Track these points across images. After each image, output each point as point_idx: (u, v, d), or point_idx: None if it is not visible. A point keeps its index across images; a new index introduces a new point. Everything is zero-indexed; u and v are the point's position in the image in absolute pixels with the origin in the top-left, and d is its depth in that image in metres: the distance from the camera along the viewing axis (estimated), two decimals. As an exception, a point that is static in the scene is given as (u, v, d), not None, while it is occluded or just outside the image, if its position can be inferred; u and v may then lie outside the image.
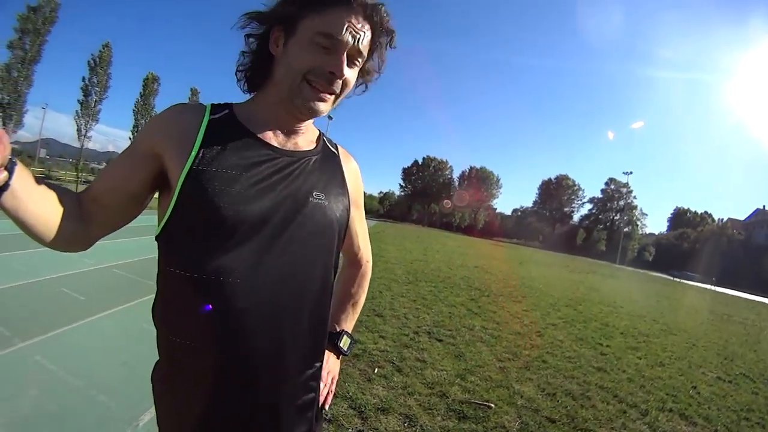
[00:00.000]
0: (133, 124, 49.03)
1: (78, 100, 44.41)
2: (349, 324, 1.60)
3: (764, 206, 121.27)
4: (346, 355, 1.54)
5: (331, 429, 3.67)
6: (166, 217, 1.09)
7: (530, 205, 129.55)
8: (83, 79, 44.93)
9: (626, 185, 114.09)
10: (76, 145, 45.53)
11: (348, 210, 1.32)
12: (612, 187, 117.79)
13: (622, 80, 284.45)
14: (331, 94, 1.19)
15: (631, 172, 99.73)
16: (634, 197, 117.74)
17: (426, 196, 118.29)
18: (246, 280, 1.07)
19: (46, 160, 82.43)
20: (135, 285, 7.61)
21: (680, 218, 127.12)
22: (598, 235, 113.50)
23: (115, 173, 1.16)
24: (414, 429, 3.99)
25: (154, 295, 1.20)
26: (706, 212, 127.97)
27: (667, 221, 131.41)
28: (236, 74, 1.29)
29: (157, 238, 1.13)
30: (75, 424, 3.37)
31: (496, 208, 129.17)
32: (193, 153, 1.10)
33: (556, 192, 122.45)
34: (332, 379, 1.47)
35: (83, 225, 1.11)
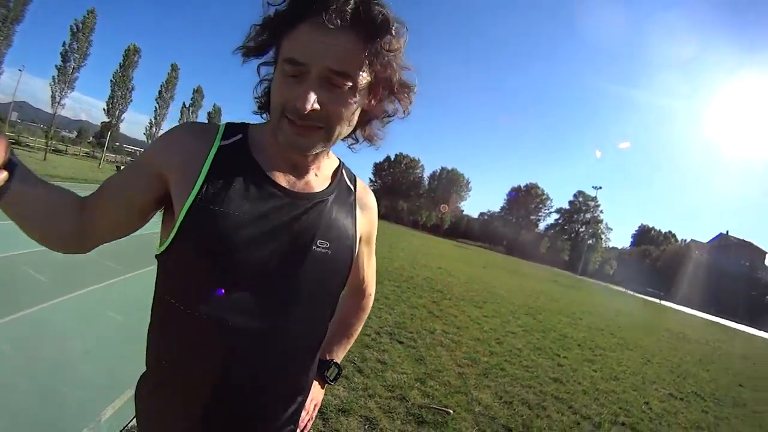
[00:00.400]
0: (109, 95, 47.87)
1: (56, 66, 42.80)
2: (339, 354, 1.55)
3: (727, 231, 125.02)
4: (331, 385, 1.51)
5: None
6: (167, 243, 1.05)
7: (497, 210, 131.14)
8: (63, 44, 43.32)
9: (594, 199, 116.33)
10: (49, 110, 43.92)
11: (354, 253, 1.24)
12: (580, 199, 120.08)
13: (601, 97, 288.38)
14: (310, 128, 1.02)
15: (601, 187, 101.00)
16: (601, 211, 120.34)
17: (395, 192, 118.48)
18: (239, 326, 1.04)
19: (17, 124, 79.07)
20: (100, 267, 7.31)
21: (644, 235, 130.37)
22: (561, 245, 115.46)
23: (120, 187, 1.12)
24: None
25: (117, 279, 1.19)
26: (670, 232, 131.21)
27: (632, 237, 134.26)
28: (254, 99, 1.20)
29: (157, 256, 1.10)
30: (31, 420, 3.21)
31: (463, 210, 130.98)
32: (197, 186, 1.04)
33: (524, 199, 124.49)
34: (314, 406, 1.45)
35: (84, 230, 1.09)
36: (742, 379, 13.28)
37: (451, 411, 4.78)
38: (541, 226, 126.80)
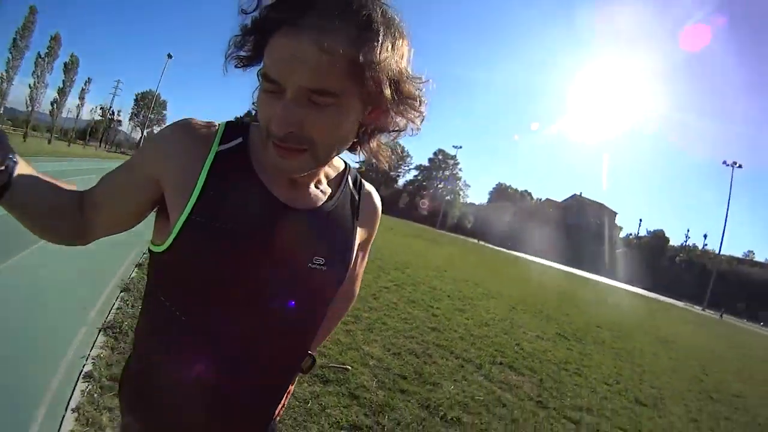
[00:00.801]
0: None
1: None
2: (313, 347, 1.46)
3: (580, 193, 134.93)
4: (304, 374, 1.49)
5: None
6: (162, 247, 1.01)
7: (356, 166, 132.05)
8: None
9: (453, 157, 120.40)
10: None
11: (350, 266, 1.20)
12: (440, 157, 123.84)
13: (460, 62, 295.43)
14: (293, 151, 0.93)
15: (461, 147, 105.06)
16: (460, 169, 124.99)
17: None
18: (229, 336, 1.03)
19: None
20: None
21: (501, 192, 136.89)
22: (420, 200, 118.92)
23: (114, 187, 1.08)
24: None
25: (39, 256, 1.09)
26: (526, 190, 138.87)
27: (489, 194, 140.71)
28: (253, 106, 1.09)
29: (150, 251, 1.08)
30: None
31: None
32: (193, 198, 0.98)
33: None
34: (287, 394, 1.41)
35: (84, 225, 1.07)
36: (598, 321, 14.69)
37: (349, 367, 4.91)
38: (401, 182, 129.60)
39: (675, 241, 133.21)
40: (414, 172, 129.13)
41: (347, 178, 1.22)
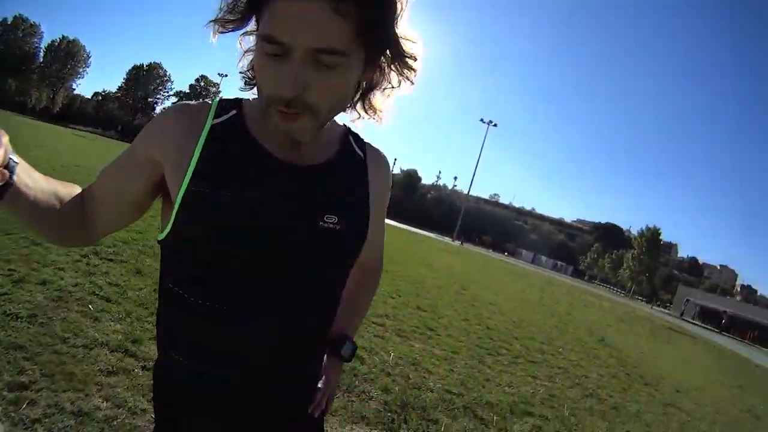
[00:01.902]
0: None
1: None
2: (351, 329, 1.46)
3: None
4: (347, 362, 1.45)
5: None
6: (167, 230, 1.03)
7: (114, 90, 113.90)
8: None
9: (216, 85, 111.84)
10: None
11: (367, 226, 1.16)
12: (202, 84, 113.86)
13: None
14: (300, 114, 0.92)
15: (227, 75, 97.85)
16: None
17: (2, 67, 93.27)
18: (243, 314, 1.01)
19: None
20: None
21: None
22: None
23: (114, 178, 1.09)
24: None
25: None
26: None
27: None
28: (240, 75, 1.10)
29: (159, 242, 1.08)
30: None
31: (74, 89, 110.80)
32: (190, 169, 0.98)
33: (145, 80, 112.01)
34: (331, 385, 1.39)
35: (86, 224, 1.09)
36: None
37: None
38: (158, 109, 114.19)
39: (428, 181, 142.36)
40: (174, 99, 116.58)
41: (349, 138, 1.19)
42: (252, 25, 0.97)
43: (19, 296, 4.19)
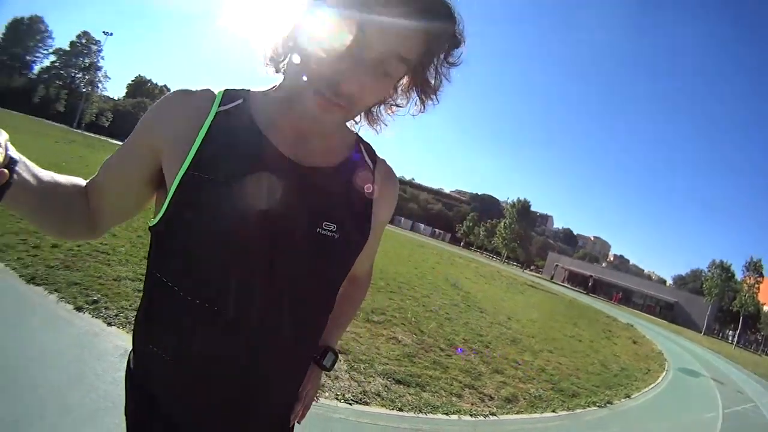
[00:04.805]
0: None
1: None
2: (334, 340, 1.44)
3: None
4: (328, 372, 1.45)
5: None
6: (159, 215, 0.98)
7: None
8: None
9: (98, 43, 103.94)
10: None
11: (365, 239, 1.12)
12: (83, 41, 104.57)
13: None
14: (338, 106, 0.88)
15: (112, 34, 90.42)
16: (102, 57, 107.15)
17: None
18: (230, 312, 0.97)
19: None
20: None
21: (140, 87, 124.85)
22: (56, 92, 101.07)
23: (116, 167, 1.07)
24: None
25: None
26: (165, 86, 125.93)
27: (126, 88, 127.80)
28: (266, 53, 1.01)
29: (149, 229, 1.03)
30: None
31: None
32: (191, 154, 0.95)
33: (24, 35, 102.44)
34: (309, 395, 1.34)
35: (91, 218, 1.08)
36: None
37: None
38: (36, 69, 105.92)
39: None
40: (53, 58, 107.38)
41: (360, 146, 1.16)
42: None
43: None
